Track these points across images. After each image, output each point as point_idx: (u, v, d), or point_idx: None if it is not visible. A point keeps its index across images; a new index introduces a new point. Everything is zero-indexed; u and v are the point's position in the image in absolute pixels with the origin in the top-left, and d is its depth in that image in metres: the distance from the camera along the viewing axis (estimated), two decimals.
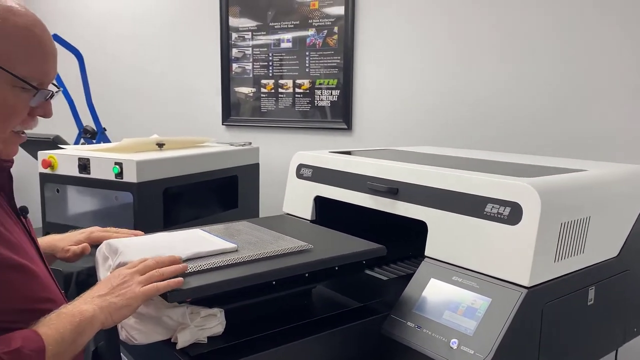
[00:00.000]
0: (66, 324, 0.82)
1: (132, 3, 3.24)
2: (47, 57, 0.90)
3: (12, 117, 0.88)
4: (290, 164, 1.64)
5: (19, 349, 0.75)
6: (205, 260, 0.98)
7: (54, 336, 0.80)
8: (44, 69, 0.89)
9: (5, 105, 0.86)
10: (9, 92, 0.85)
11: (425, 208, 1.21)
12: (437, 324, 1.06)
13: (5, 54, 0.83)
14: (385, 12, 2.42)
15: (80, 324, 0.83)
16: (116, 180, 1.77)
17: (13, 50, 0.84)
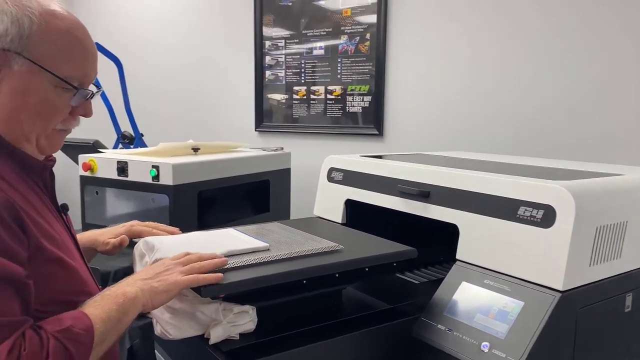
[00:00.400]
0: (111, 305, 0.85)
1: (169, 12, 3.33)
2: (87, 59, 0.92)
3: (54, 116, 0.91)
4: (322, 168, 1.66)
5: (69, 328, 0.78)
6: (238, 258, 1.00)
7: (101, 316, 0.83)
8: (85, 70, 0.92)
9: (48, 105, 0.89)
10: (51, 92, 0.89)
11: (456, 211, 1.21)
12: (468, 327, 1.05)
13: (48, 56, 0.87)
14: (417, 18, 2.42)
15: (124, 304, 0.86)
16: (153, 182, 1.82)
17: (56, 52, 0.87)
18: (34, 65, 0.86)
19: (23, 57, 0.85)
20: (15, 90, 0.86)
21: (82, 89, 0.92)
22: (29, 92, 0.87)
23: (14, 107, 0.87)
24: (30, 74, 0.86)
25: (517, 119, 2.21)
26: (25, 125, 0.89)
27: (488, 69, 2.27)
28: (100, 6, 3.66)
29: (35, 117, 0.89)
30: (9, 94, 0.86)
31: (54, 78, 0.88)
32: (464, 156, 1.76)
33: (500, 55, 2.23)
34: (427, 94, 2.43)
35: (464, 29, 2.31)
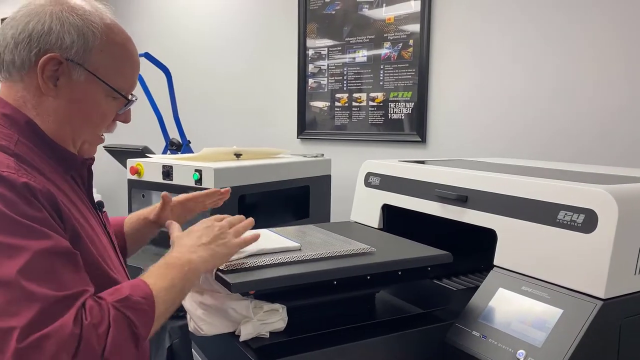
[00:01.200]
0: (176, 273, 0.88)
1: (215, 23, 3.43)
2: (135, 71, 1.00)
3: (102, 123, 0.98)
4: (359, 173, 1.66)
5: (128, 297, 0.79)
6: (268, 256, 1.01)
7: (164, 284, 0.85)
8: (133, 81, 0.99)
9: (99, 112, 0.96)
10: (103, 101, 0.95)
11: (494, 216, 1.18)
12: (503, 334, 1.02)
13: (104, 68, 0.93)
14: (460, 25, 2.39)
15: (188, 273, 0.89)
16: (196, 186, 1.87)
17: (111, 64, 0.94)
18: (92, 76, 0.92)
19: (83, 68, 0.91)
20: (72, 99, 0.92)
21: (132, 100, 0.99)
22: (85, 100, 0.93)
23: (68, 113, 0.93)
24: (87, 83, 0.92)
25: (561, 125, 2.14)
26: (76, 130, 0.95)
27: (532, 76, 2.21)
28: (150, 17, 3.82)
29: (86, 123, 0.96)
30: (66, 101, 0.92)
31: (108, 88, 0.94)
32: (504, 161, 1.72)
33: (543, 61, 2.17)
34: (470, 100, 2.39)
35: (507, 35, 2.26)
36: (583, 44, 2.08)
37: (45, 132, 0.93)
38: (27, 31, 0.89)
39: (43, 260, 0.76)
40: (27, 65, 0.90)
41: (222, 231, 0.99)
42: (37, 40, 0.89)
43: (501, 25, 2.28)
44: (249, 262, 0.98)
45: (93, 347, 0.73)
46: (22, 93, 0.92)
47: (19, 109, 0.92)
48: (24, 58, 0.89)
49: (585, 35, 2.07)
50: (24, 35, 0.89)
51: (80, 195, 1.01)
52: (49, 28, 0.89)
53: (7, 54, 0.91)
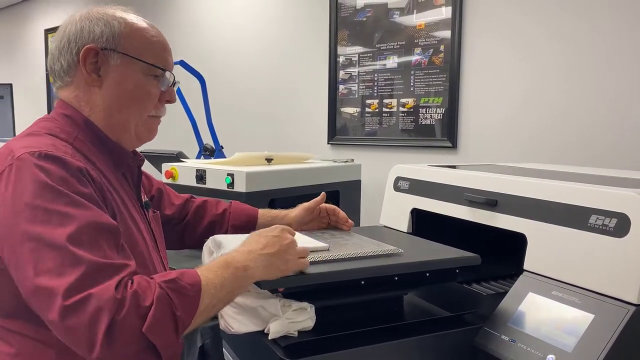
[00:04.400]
0: (230, 275, 0.89)
1: (247, 31, 3.50)
2: (165, 49, 1.08)
3: (147, 101, 1.05)
4: (388, 177, 1.66)
5: (175, 279, 0.82)
6: None
7: (215, 281, 0.86)
8: (165, 57, 1.07)
9: (142, 90, 1.04)
10: (143, 79, 1.03)
11: (524, 220, 1.17)
12: (533, 339, 1.01)
13: (136, 48, 1.02)
14: (491, 31, 2.38)
15: (242, 278, 0.91)
16: (228, 189, 1.91)
17: (140, 45, 1.03)
18: (127, 57, 1.01)
19: (117, 52, 1.01)
20: (115, 84, 1.01)
21: (168, 72, 1.07)
22: (126, 81, 1.02)
23: (116, 99, 1.02)
24: (125, 65, 1.01)
25: (596, 130, 2.10)
26: (126, 115, 1.03)
27: (565, 81, 2.17)
28: (185, 27, 3.92)
29: (132, 103, 1.03)
30: (111, 88, 1.01)
31: (145, 66, 1.03)
32: (533, 166, 1.69)
33: (577, 67, 2.13)
34: (502, 106, 2.37)
35: (539, 41, 2.23)
36: (624, 47, 2.04)
37: (100, 127, 1.03)
38: (65, 37, 1.02)
39: (90, 230, 0.82)
40: (72, 65, 1.01)
41: (289, 247, 0.98)
42: (75, 41, 1.01)
43: (533, 31, 2.26)
44: None
45: (132, 317, 0.76)
46: (76, 92, 1.03)
47: (78, 109, 1.03)
48: (69, 60, 1.01)
49: (625, 39, 2.03)
50: (64, 41, 1.02)
51: (129, 192, 1.09)
52: (81, 27, 1.02)
53: (56, 64, 1.03)
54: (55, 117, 1.03)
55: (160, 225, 1.22)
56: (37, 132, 0.97)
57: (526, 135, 2.30)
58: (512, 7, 2.31)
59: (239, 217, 1.41)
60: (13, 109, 4.56)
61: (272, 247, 0.96)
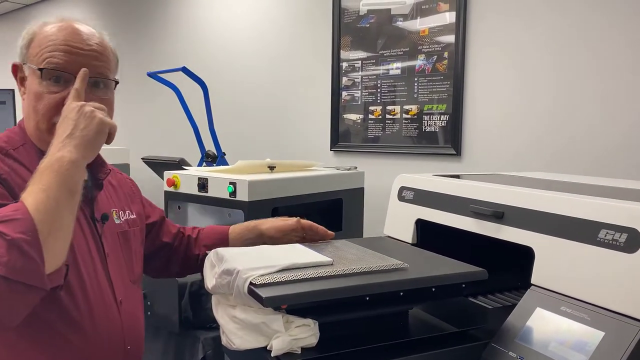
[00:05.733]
0: (50, 179, 0.85)
1: (247, 37, 3.49)
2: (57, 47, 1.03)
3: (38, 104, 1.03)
4: (392, 187, 1.64)
5: None
6: (300, 271, 1.01)
7: (38, 189, 0.83)
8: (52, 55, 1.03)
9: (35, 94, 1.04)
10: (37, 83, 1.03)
11: (532, 233, 1.15)
12: (542, 356, 0.98)
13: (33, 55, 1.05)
14: (496, 37, 2.36)
15: (64, 169, 0.86)
16: (230, 198, 1.89)
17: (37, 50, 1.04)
18: (30, 67, 1.05)
19: (25, 64, 1.07)
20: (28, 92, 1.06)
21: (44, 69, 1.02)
22: (30, 88, 1.05)
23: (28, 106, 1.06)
24: (30, 75, 1.05)
25: (601, 139, 2.08)
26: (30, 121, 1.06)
27: (571, 88, 2.15)
28: (188, 33, 3.91)
29: (32, 109, 1.04)
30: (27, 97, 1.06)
31: (37, 71, 1.02)
32: (542, 176, 1.67)
33: (584, 73, 2.12)
34: (506, 113, 2.35)
35: (545, 47, 2.22)
36: (626, 54, 2.02)
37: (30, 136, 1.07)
38: None
39: None
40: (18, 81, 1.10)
41: (81, 113, 0.94)
42: (19, 56, 1.08)
43: (538, 37, 2.24)
44: (280, 277, 0.98)
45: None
46: None
47: None
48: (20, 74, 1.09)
49: (628, 44, 2.02)
50: None
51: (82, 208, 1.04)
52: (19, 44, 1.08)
53: None
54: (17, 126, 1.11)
55: (124, 243, 1.18)
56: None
57: (531, 142, 2.28)
58: (516, 14, 2.30)
59: (209, 235, 1.42)
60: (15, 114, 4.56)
61: (67, 125, 0.93)
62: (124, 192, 1.30)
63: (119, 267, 1.14)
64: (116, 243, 1.15)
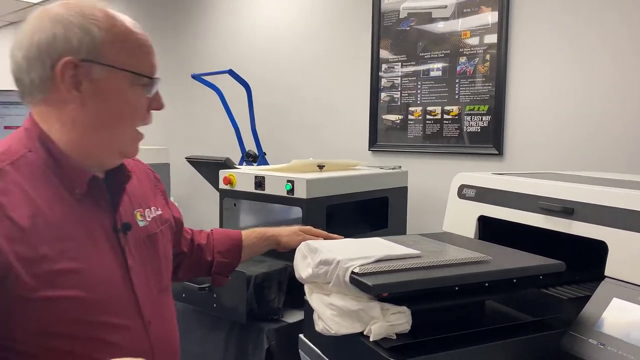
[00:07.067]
0: None
1: (289, 40, 3.56)
2: (151, 54, 0.97)
3: (136, 115, 0.96)
4: (451, 185, 1.71)
5: None
6: (395, 262, 1.08)
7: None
8: (151, 64, 0.97)
9: (130, 105, 0.95)
10: (129, 92, 0.93)
11: (604, 228, 1.21)
12: (623, 343, 1.04)
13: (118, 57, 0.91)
14: (539, 38, 2.41)
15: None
16: (287, 196, 1.96)
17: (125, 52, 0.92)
18: (111, 68, 0.90)
19: (100, 64, 0.89)
20: (100, 100, 0.91)
21: (156, 79, 0.97)
22: (112, 97, 0.92)
23: (97, 115, 0.91)
24: (109, 79, 0.91)
25: None
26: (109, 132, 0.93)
27: (615, 88, 2.20)
28: (232, 36, 3.99)
29: (121, 120, 0.94)
30: (95, 105, 0.90)
31: (131, 76, 0.92)
32: (600, 175, 1.73)
33: (630, 71, 2.16)
34: (549, 112, 2.40)
35: (590, 47, 2.27)
36: None
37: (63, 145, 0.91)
38: (34, 46, 0.88)
39: None
40: (46, 80, 0.89)
41: None
42: (47, 51, 0.87)
43: (582, 35, 2.29)
44: (378, 267, 1.05)
45: None
46: (46, 109, 0.91)
47: (41, 124, 0.92)
48: (41, 74, 0.88)
49: None
50: (33, 51, 0.88)
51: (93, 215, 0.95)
52: (53, 35, 0.87)
53: (25, 77, 0.90)
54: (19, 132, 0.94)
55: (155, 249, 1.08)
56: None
57: (574, 142, 2.33)
58: (559, 12, 2.35)
59: (222, 242, 1.40)
60: None
61: None
62: (147, 185, 1.19)
63: (146, 280, 1.01)
64: (142, 252, 1.03)
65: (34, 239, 0.83)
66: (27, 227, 0.83)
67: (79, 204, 0.93)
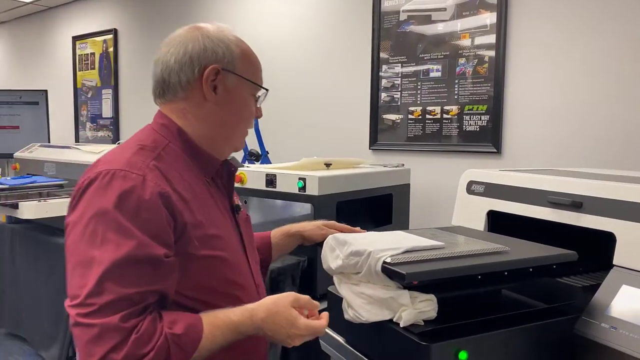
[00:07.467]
0: (233, 337, 0.99)
1: (289, 42, 3.61)
2: (261, 68, 1.22)
3: (250, 118, 1.20)
4: (460, 181, 1.78)
5: (181, 335, 0.92)
6: (423, 252, 1.14)
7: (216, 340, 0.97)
8: (262, 77, 1.22)
9: (248, 109, 1.18)
10: (249, 99, 1.17)
11: (612, 220, 1.29)
12: (635, 326, 1.12)
13: (246, 71, 1.14)
14: (536, 38, 2.51)
15: (238, 338, 1.01)
16: (299, 193, 2.02)
17: (249, 67, 1.16)
18: (241, 79, 1.13)
19: (234, 74, 1.12)
20: (229, 102, 1.12)
21: (266, 90, 1.21)
22: (238, 101, 1.14)
23: (227, 115, 1.13)
24: (238, 87, 1.13)
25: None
26: (232, 129, 1.16)
27: (611, 87, 2.30)
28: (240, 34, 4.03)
29: (241, 120, 1.17)
30: (224, 105, 1.12)
31: (252, 87, 1.16)
32: (598, 171, 1.81)
33: (627, 71, 2.26)
34: (547, 112, 2.49)
35: (583, 47, 2.36)
36: None
37: (196, 137, 1.12)
38: (187, 53, 1.09)
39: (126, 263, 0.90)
40: (192, 81, 1.10)
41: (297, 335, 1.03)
42: (198, 59, 1.09)
43: (579, 36, 2.38)
44: (408, 257, 1.11)
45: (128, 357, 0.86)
46: (184, 106, 1.12)
47: (175, 120, 1.12)
48: (189, 76, 1.10)
49: None
50: (186, 58, 1.09)
51: (218, 195, 1.17)
52: (204, 46, 1.10)
53: (172, 77, 1.10)
54: (154, 127, 1.13)
55: (251, 228, 1.30)
56: (127, 146, 1.08)
57: (570, 140, 2.42)
58: (556, 15, 2.44)
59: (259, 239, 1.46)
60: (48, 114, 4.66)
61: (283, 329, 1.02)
62: None
63: (253, 253, 1.24)
64: (248, 230, 1.26)
65: (193, 208, 1.03)
66: (188, 198, 1.03)
67: (209, 186, 1.14)
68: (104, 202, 0.93)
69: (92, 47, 5.29)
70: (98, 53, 5.23)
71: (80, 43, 5.45)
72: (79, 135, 5.50)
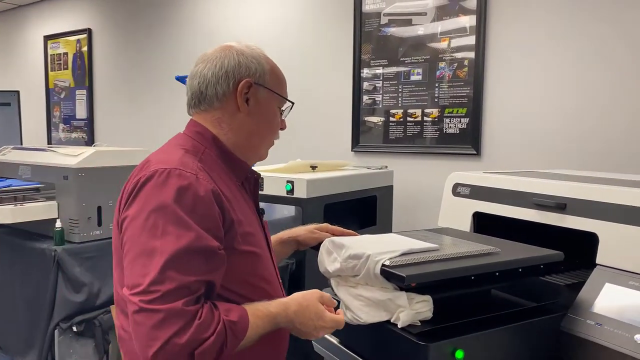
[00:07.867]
0: (269, 328, 1.07)
1: (271, 44, 3.62)
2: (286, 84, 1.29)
3: (277, 129, 1.27)
4: (445, 184, 1.82)
5: (236, 322, 0.99)
6: (419, 255, 1.18)
7: (257, 330, 1.04)
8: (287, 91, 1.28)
9: (276, 121, 1.25)
10: (277, 112, 1.24)
11: (595, 221, 1.35)
12: (618, 322, 1.18)
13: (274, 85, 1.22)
14: (516, 41, 2.58)
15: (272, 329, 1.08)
16: (287, 196, 2.04)
17: (277, 82, 1.24)
18: (270, 92, 1.22)
19: (264, 88, 1.20)
20: (259, 113, 1.20)
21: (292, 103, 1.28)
22: (267, 113, 1.22)
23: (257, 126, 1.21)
24: (268, 99, 1.21)
25: (616, 137, 2.31)
26: (261, 138, 1.24)
27: (589, 89, 2.39)
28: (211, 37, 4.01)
29: (269, 131, 1.25)
30: (255, 117, 1.20)
31: (279, 101, 1.24)
32: (577, 173, 1.88)
33: (603, 73, 2.35)
34: (525, 114, 2.57)
35: (562, 51, 2.45)
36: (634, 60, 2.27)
37: (229, 144, 1.20)
38: (224, 68, 1.18)
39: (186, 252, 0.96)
40: (227, 93, 1.18)
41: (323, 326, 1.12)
42: (233, 73, 1.18)
43: (558, 38, 2.46)
44: (405, 260, 1.14)
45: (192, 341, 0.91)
46: (219, 115, 1.20)
47: (210, 128, 1.19)
48: (225, 88, 1.18)
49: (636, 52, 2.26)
50: (222, 72, 1.18)
51: (248, 200, 1.24)
52: (238, 62, 1.19)
53: (209, 89, 1.18)
54: (189, 134, 1.21)
55: (269, 232, 1.35)
56: (171, 149, 1.15)
57: (548, 142, 2.50)
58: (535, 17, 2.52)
59: None
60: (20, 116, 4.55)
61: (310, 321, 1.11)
62: None
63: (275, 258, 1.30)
64: (268, 235, 1.31)
65: (234, 207, 1.11)
66: (230, 198, 1.11)
67: (240, 189, 1.21)
68: (163, 197, 1.00)
69: (65, 46, 5.19)
70: (71, 53, 5.13)
71: (52, 43, 5.33)
72: (52, 136, 5.38)
